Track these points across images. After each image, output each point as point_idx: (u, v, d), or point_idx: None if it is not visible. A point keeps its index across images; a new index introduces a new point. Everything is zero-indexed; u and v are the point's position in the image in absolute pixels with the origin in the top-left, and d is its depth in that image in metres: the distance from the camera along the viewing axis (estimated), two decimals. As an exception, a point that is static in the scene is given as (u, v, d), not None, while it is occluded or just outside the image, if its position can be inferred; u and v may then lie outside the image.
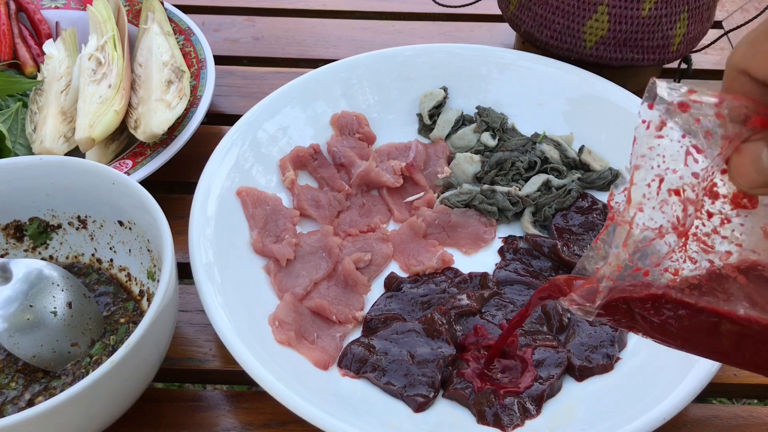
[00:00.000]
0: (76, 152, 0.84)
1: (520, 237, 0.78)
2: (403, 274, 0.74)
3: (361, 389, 0.64)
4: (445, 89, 0.90)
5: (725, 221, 0.40)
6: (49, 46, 0.93)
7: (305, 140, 0.85)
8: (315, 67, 0.90)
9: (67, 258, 0.72)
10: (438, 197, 0.82)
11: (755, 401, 0.70)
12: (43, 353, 0.61)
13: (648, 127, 0.38)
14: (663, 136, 0.38)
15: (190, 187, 0.76)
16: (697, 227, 0.41)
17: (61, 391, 0.58)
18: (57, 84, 0.89)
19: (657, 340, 0.46)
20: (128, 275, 0.69)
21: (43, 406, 0.49)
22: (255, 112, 0.83)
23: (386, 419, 0.61)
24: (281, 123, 0.85)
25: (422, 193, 0.82)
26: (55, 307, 0.62)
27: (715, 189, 0.40)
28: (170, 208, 0.66)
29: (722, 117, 0.37)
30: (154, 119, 0.81)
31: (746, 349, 0.42)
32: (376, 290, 0.74)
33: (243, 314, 0.66)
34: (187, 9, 1.03)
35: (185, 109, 0.84)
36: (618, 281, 0.43)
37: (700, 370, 0.60)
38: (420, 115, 0.90)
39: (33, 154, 0.84)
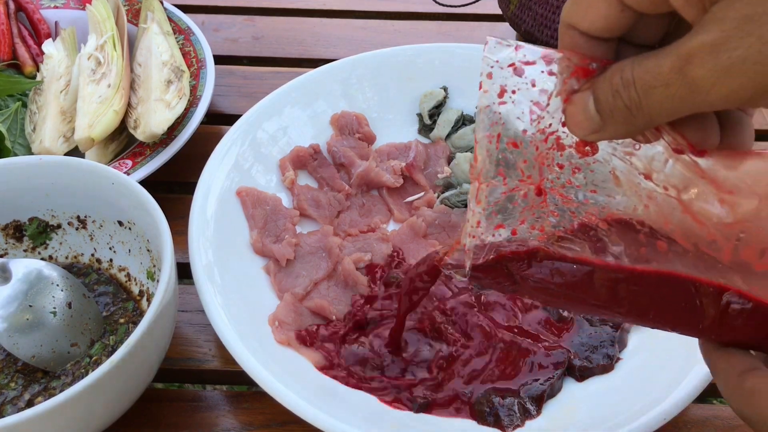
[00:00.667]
0: (75, 152, 0.84)
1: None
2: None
3: (361, 389, 0.64)
4: (445, 89, 0.90)
5: (576, 170, 0.42)
6: (48, 46, 0.93)
7: (305, 140, 0.85)
8: (315, 67, 0.90)
9: (66, 258, 0.72)
10: (438, 197, 0.82)
11: (755, 401, 0.70)
12: (42, 353, 0.61)
13: (487, 92, 0.41)
14: (505, 102, 0.41)
15: (189, 187, 0.76)
16: (552, 180, 0.43)
17: (61, 391, 0.58)
18: (56, 84, 0.89)
19: (542, 301, 0.47)
20: (128, 275, 0.69)
21: (42, 406, 0.49)
22: (255, 112, 0.83)
23: (386, 420, 0.60)
24: (281, 123, 0.85)
25: (422, 193, 0.82)
26: (54, 307, 0.62)
27: (561, 141, 0.42)
28: (170, 208, 0.66)
29: (553, 73, 0.40)
30: (153, 119, 0.81)
31: (623, 298, 0.43)
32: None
33: (243, 314, 0.66)
34: (186, 9, 1.03)
35: (185, 109, 0.84)
36: (485, 241, 0.45)
37: (700, 370, 0.60)
38: (420, 115, 0.90)
39: (32, 154, 0.84)
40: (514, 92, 0.41)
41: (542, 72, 0.40)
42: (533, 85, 0.40)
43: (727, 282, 0.40)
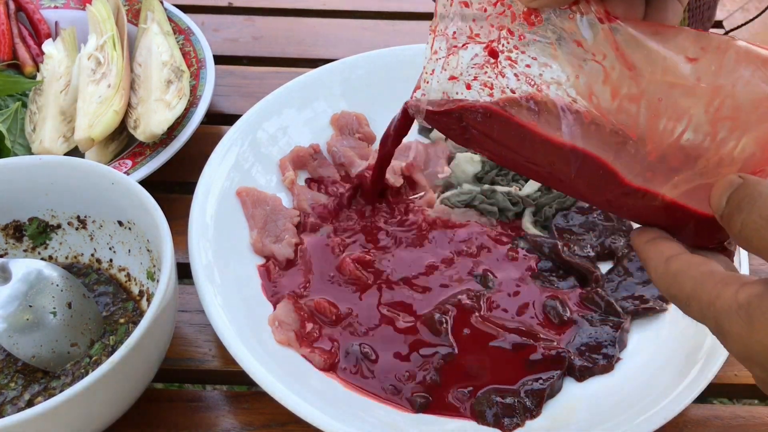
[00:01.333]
0: (75, 152, 0.84)
1: (521, 237, 0.78)
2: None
3: (361, 389, 0.64)
4: (445, 89, 0.90)
5: (521, 37, 0.47)
6: (48, 46, 0.93)
7: (305, 140, 0.85)
8: (315, 67, 0.90)
9: (66, 258, 0.72)
10: (438, 197, 0.82)
11: (755, 401, 0.70)
12: (42, 353, 0.61)
13: None
14: None
15: (189, 187, 0.76)
16: (501, 44, 0.48)
17: (61, 391, 0.58)
18: (56, 84, 0.89)
19: (485, 152, 0.53)
20: (128, 275, 0.69)
21: (42, 406, 0.49)
22: (255, 112, 0.83)
23: (386, 420, 0.60)
24: (281, 123, 0.85)
25: (422, 193, 0.82)
26: (54, 308, 0.62)
27: (512, 9, 0.46)
28: (170, 208, 0.66)
29: None
30: (153, 119, 0.81)
31: (546, 161, 0.48)
32: (376, 290, 0.73)
33: (243, 314, 0.66)
34: (186, 9, 1.03)
35: (185, 109, 0.84)
36: (440, 87, 0.53)
37: (700, 370, 0.60)
38: (420, 115, 0.90)
39: (32, 154, 0.84)
40: None
41: None
42: None
43: (625, 165, 0.44)
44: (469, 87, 0.51)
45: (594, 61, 0.44)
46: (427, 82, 0.54)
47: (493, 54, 0.48)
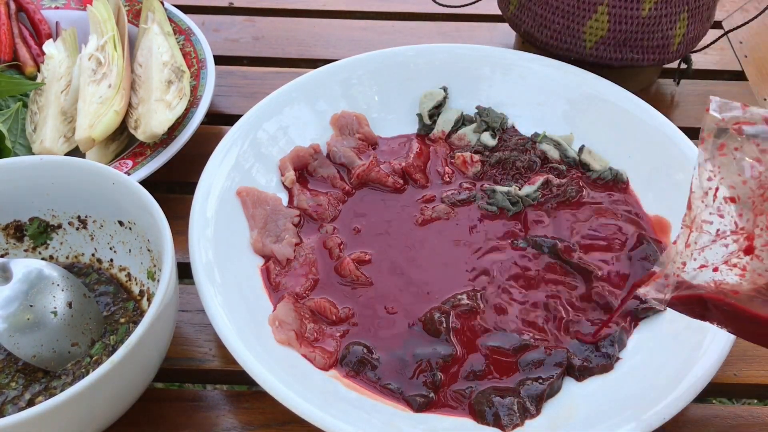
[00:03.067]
0: (76, 152, 0.84)
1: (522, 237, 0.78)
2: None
3: (361, 389, 0.64)
4: (445, 89, 0.90)
5: None
6: (49, 46, 0.93)
7: (305, 140, 0.85)
8: (315, 67, 0.90)
9: (67, 258, 0.72)
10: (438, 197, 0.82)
11: (755, 401, 0.70)
12: (43, 353, 0.61)
13: (707, 149, 0.45)
14: (725, 155, 0.45)
15: (190, 187, 0.76)
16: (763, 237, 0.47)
17: (61, 391, 0.58)
18: (57, 84, 0.89)
19: (728, 329, 0.53)
20: (128, 275, 0.69)
21: (43, 406, 0.50)
22: (255, 112, 0.83)
23: (386, 419, 0.61)
24: (281, 123, 0.85)
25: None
26: (55, 307, 0.62)
27: None
28: (170, 208, 0.66)
29: None
30: (154, 119, 0.81)
31: None
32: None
33: (243, 314, 0.66)
34: (187, 9, 1.03)
35: (185, 109, 0.85)
36: (687, 278, 0.52)
37: (700, 370, 0.60)
38: (420, 115, 0.90)
39: (33, 154, 0.84)
40: (736, 149, 0.45)
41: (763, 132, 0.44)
42: (756, 144, 0.44)
43: None
44: (716, 270, 0.51)
45: None
46: (677, 276, 0.53)
47: (749, 251, 0.48)
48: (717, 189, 0.47)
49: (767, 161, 0.44)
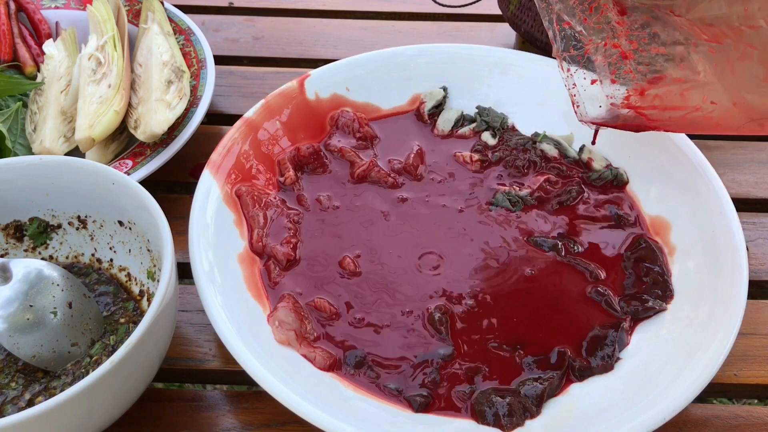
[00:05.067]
0: (76, 152, 0.84)
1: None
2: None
3: (361, 389, 0.64)
4: (445, 89, 0.90)
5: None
6: (49, 46, 0.93)
7: (305, 140, 0.85)
8: (315, 67, 0.90)
9: (67, 258, 0.72)
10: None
11: (755, 401, 0.70)
12: (43, 353, 0.61)
13: None
14: None
15: (190, 187, 0.76)
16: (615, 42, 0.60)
17: (61, 391, 0.58)
18: (57, 84, 0.89)
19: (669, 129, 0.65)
20: (128, 275, 0.69)
21: (43, 406, 0.49)
22: (255, 112, 0.83)
23: (386, 419, 0.61)
24: (281, 123, 0.85)
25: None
26: (55, 307, 0.62)
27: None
28: (170, 208, 0.66)
29: None
30: (154, 119, 0.81)
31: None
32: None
33: (243, 314, 0.66)
34: (187, 9, 1.03)
35: (185, 109, 0.85)
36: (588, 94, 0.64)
37: (700, 370, 0.60)
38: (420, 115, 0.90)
39: (33, 154, 0.84)
40: None
41: None
42: None
43: None
44: (614, 81, 0.59)
45: None
46: (575, 96, 0.64)
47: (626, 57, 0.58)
48: (556, 18, 0.58)
49: None
